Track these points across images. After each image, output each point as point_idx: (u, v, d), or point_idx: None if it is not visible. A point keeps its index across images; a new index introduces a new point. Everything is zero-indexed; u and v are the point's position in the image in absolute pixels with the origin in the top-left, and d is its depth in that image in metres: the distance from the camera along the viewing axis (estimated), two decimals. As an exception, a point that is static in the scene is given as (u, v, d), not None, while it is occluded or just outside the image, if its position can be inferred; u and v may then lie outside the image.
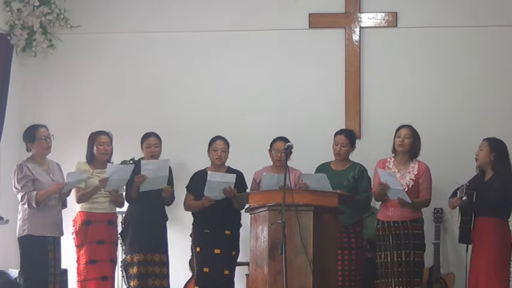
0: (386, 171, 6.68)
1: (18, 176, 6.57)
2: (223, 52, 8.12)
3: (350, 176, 6.97)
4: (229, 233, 7.05)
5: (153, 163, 6.94)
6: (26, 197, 6.51)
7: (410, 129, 6.82)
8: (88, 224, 6.87)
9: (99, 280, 6.86)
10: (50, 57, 8.21)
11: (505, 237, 6.54)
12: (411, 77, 7.92)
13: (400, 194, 6.55)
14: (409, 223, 6.69)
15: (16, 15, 7.95)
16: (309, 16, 7.98)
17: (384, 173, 6.65)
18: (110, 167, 6.78)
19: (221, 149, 7.08)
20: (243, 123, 7.98)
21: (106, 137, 7.01)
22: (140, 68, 8.19)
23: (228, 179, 6.89)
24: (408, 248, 6.66)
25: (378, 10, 7.95)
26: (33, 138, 6.68)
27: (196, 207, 7.07)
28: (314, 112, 7.96)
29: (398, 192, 6.54)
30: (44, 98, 8.25)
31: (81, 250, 6.88)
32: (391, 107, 7.86)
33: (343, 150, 7.01)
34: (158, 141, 7.14)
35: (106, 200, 6.95)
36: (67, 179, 6.59)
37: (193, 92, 8.12)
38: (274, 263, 5.96)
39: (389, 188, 6.55)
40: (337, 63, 7.93)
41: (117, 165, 6.91)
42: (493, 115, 7.77)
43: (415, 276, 6.69)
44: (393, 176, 6.60)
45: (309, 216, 6.03)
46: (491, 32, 7.82)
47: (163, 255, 7.07)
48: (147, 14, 8.18)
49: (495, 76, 7.82)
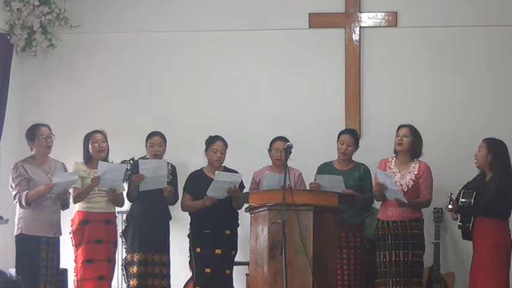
0: (384, 172, 6.68)
1: (13, 175, 6.60)
2: (223, 52, 8.12)
3: (356, 175, 6.98)
4: (229, 232, 7.05)
5: (150, 163, 6.94)
6: (18, 196, 6.54)
7: (410, 128, 6.80)
8: (85, 224, 6.86)
9: (96, 280, 6.84)
10: (50, 57, 8.21)
11: (502, 238, 6.51)
12: (411, 76, 7.92)
13: (396, 195, 6.55)
14: (408, 223, 6.68)
15: (16, 14, 7.95)
16: (309, 16, 7.98)
17: (382, 173, 6.66)
18: (101, 165, 6.76)
19: (220, 150, 7.07)
20: (243, 123, 7.98)
21: (100, 135, 6.99)
22: (140, 67, 8.19)
23: (235, 178, 6.88)
24: (407, 247, 6.65)
25: (378, 10, 7.95)
26: (33, 137, 6.69)
27: (194, 207, 7.05)
28: (314, 112, 7.96)
29: (395, 193, 6.55)
30: (44, 98, 8.25)
31: (78, 250, 6.87)
32: (391, 107, 7.86)
33: (348, 150, 7.01)
34: (162, 141, 7.14)
35: (103, 200, 6.94)
36: (54, 179, 6.56)
37: (193, 92, 8.12)
38: (274, 262, 5.96)
39: (387, 188, 6.56)
40: (337, 63, 7.93)
41: (109, 164, 6.92)
42: (494, 115, 7.77)
43: (413, 276, 6.67)
44: (390, 177, 6.61)
45: (309, 216, 6.03)
46: (491, 32, 7.82)
47: (164, 256, 7.06)
48: (147, 13, 8.18)
49: (495, 76, 7.82)
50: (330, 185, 6.66)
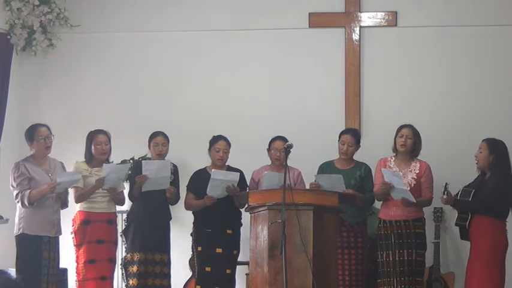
0: (391, 171, 6.68)
1: (15, 175, 6.58)
2: (223, 52, 8.12)
3: (357, 175, 6.97)
4: (231, 232, 7.04)
5: (154, 163, 6.94)
6: (20, 196, 6.53)
7: (412, 129, 6.81)
8: (87, 224, 6.86)
9: (98, 280, 6.84)
10: (49, 56, 8.21)
11: (498, 237, 6.51)
12: (411, 76, 7.92)
13: (404, 194, 6.53)
14: (412, 222, 6.68)
15: (16, 14, 7.95)
16: (309, 15, 7.98)
17: (389, 172, 6.64)
18: (105, 167, 6.78)
19: (223, 149, 7.07)
20: (243, 123, 7.98)
21: (104, 137, 6.98)
22: (140, 67, 8.19)
23: (232, 177, 6.88)
24: (410, 247, 6.65)
25: (378, 9, 7.95)
26: (32, 138, 6.68)
27: (197, 206, 7.06)
28: (314, 111, 7.96)
29: (402, 192, 6.53)
30: (44, 97, 8.25)
31: (80, 250, 6.86)
32: (391, 107, 7.86)
33: (350, 150, 7.00)
34: (165, 141, 7.14)
35: (105, 200, 6.93)
36: (58, 179, 6.56)
37: (194, 92, 8.12)
38: (274, 262, 5.96)
39: (394, 187, 6.55)
40: (337, 63, 7.94)
41: (113, 165, 6.93)
42: (494, 114, 7.76)
43: (417, 275, 6.68)
44: (398, 176, 6.59)
45: (309, 216, 6.03)
46: (491, 32, 7.82)
47: (165, 255, 7.06)
48: (147, 13, 8.18)
49: (495, 76, 7.82)
50: (329, 184, 6.66)
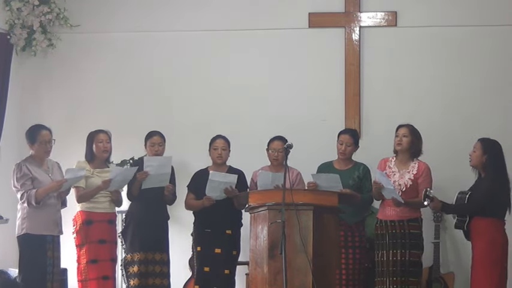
0: (380, 171, 6.69)
1: (17, 175, 6.56)
2: (223, 52, 8.12)
3: (355, 175, 6.97)
4: (230, 232, 7.04)
5: (156, 160, 6.95)
6: (26, 196, 6.50)
7: (408, 127, 6.79)
8: (89, 224, 6.87)
9: (100, 280, 6.86)
10: (49, 56, 8.22)
11: (495, 237, 6.50)
12: (411, 76, 7.92)
13: (393, 194, 6.56)
14: (406, 222, 6.67)
15: (16, 14, 7.95)
16: (309, 15, 7.99)
17: (378, 172, 6.67)
18: (114, 169, 6.81)
19: (221, 147, 7.08)
20: (243, 123, 7.98)
21: (105, 135, 7.00)
22: (140, 67, 8.20)
23: (230, 179, 6.89)
24: (404, 247, 6.63)
25: (378, 9, 7.95)
26: (34, 140, 6.64)
27: (196, 206, 7.07)
28: (314, 112, 7.97)
29: (391, 192, 6.55)
30: (44, 98, 8.25)
31: (81, 250, 6.87)
32: (391, 107, 7.86)
33: (348, 150, 7.00)
34: (162, 140, 7.14)
35: (107, 200, 6.95)
36: (66, 175, 6.57)
37: (193, 92, 8.13)
38: (274, 262, 5.97)
39: (383, 187, 6.56)
40: (337, 63, 7.94)
41: (121, 168, 6.97)
42: (494, 114, 7.77)
43: (411, 275, 6.64)
44: (384, 175, 6.61)
45: (309, 216, 6.04)
46: (491, 32, 7.82)
47: (164, 254, 7.07)
48: (146, 13, 8.18)
49: (495, 75, 7.82)
50: (326, 184, 6.66)
